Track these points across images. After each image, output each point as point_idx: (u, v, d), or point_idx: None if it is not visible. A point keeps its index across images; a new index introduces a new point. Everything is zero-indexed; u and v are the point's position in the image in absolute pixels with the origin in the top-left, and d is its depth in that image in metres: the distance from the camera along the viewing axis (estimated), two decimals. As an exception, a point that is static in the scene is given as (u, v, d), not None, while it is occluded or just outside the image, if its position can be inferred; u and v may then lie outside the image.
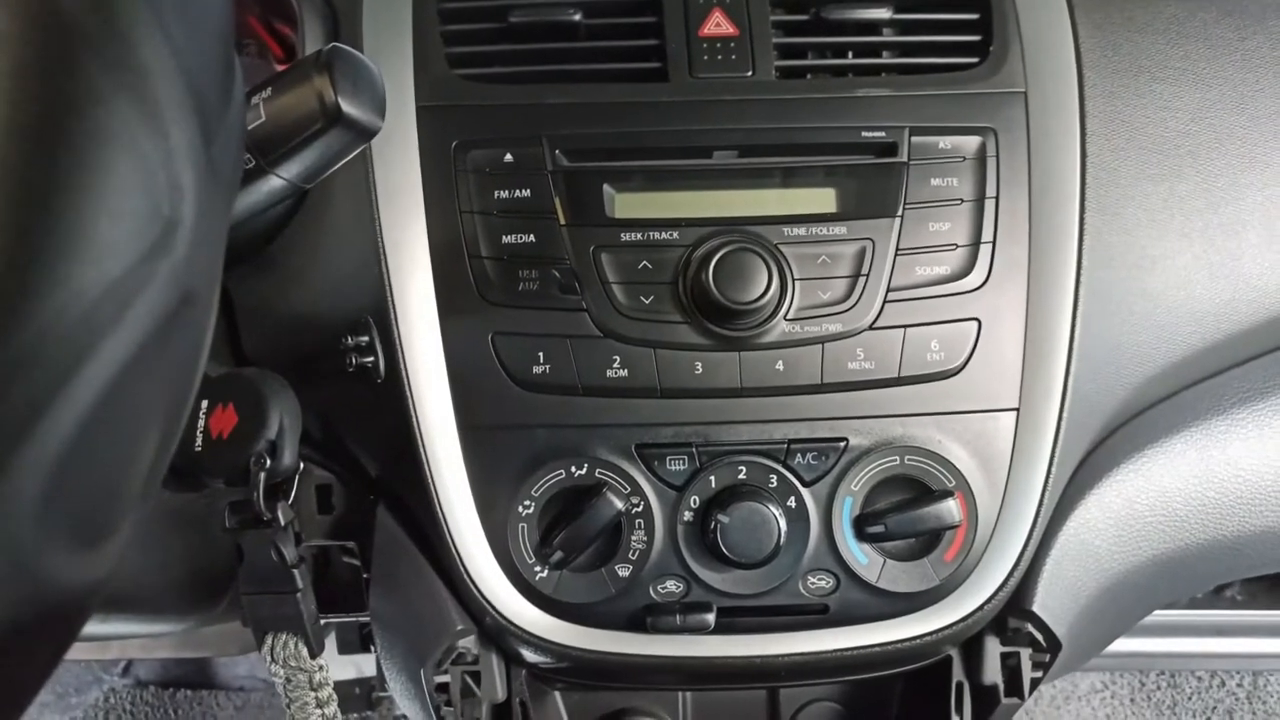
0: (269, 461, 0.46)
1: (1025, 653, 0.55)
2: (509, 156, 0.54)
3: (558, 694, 0.62)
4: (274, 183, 0.40)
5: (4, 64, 0.21)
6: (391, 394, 0.53)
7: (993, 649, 0.56)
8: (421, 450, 0.53)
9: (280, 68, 0.62)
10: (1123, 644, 1.15)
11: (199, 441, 0.47)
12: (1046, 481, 0.53)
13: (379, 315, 0.53)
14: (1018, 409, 0.53)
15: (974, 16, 0.58)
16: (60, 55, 0.22)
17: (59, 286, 0.21)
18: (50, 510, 0.23)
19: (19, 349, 0.21)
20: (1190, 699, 1.31)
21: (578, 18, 0.56)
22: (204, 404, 0.48)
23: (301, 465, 0.49)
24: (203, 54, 0.24)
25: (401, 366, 0.53)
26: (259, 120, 0.39)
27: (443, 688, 0.54)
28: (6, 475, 0.21)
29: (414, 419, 0.53)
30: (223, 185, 0.25)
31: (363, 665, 1.21)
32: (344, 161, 0.42)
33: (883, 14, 0.57)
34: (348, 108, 0.39)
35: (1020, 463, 0.53)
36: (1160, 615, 1.19)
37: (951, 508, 0.51)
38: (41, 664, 0.26)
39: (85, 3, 0.22)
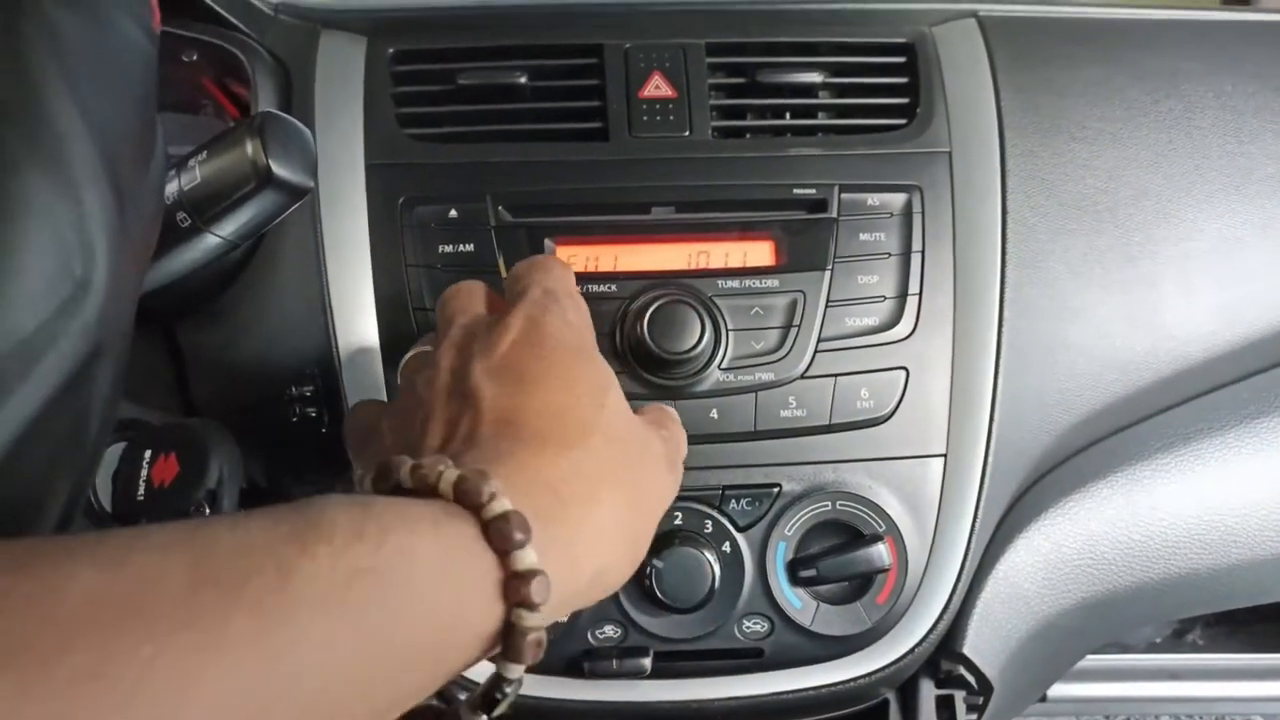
0: (208, 511, 0.47)
1: (959, 695, 0.56)
2: (454, 212, 0.55)
3: (503, 742, 0.62)
4: (210, 241, 0.42)
5: None
6: (335, 443, 0.54)
7: (927, 692, 0.57)
8: (364, 498, 0.53)
9: (236, 127, 0.64)
10: (1087, 689, 1.15)
11: (141, 490, 0.48)
12: (974, 525, 0.55)
13: (324, 366, 0.54)
14: (945, 455, 0.55)
15: (902, 80, 0.61)
16: None
17: None
18: None
19: None
20: (1155, 745, 1.31)
21: (523, 80, 0.59)
22: (147, 453, 0.49)
23: (242, 513, 0.50)
24: (119, 122, 0.26)
25: (346, 415, 0.54)
26: (195, 181, 0.40)
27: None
28: None
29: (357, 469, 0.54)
30: (136, 246, 0.27)
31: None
32: (279, 219, 0.44)
33: (815, 78, 0.60)
34: (278, 170, 0.41)
35: (948, 507, 0.55)
36: (1123, 660, 1.20)
37: (881, 551, 0.52)
38: None
39: (2, 76, 0.23)
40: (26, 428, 0.24)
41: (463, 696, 0.34)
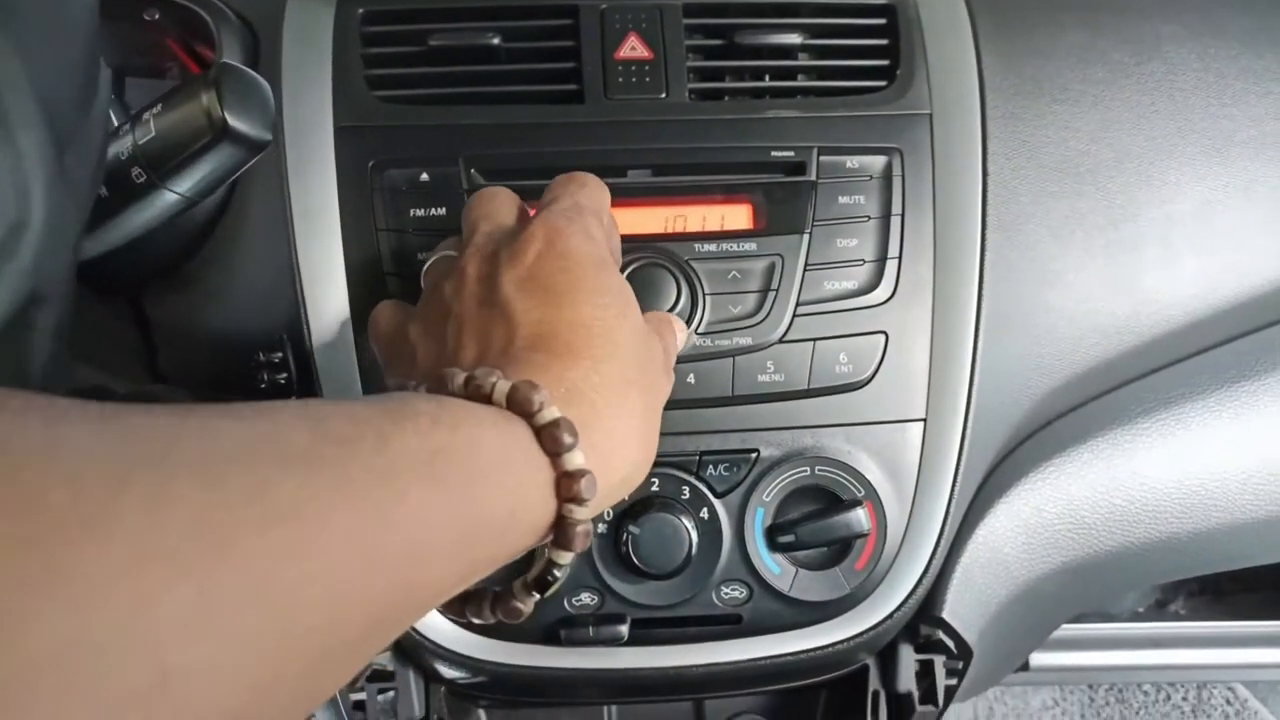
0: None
1: (939, 660, 0.56)
2: (425, 176, 0.54)
3: (482, 712, 0.61)
4: (167, 197, 0.40)
5: None
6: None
7: (906, 657, 0.56)
8: (336, 467, 0.53)
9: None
10: (1070, 658, 1.16)
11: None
12: (953, 490, 0.54)
13: (294, 333, 0.53)
14: (925, 419, 0.54)
15: (883, 42, 0.60)
16: None
17: None
18: None
19: None
20: (1138, 713, 1.33)
21: (496, 41, 0.58)
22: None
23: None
24: (58, 64, 0.25)
25: (316, 384, 0.53)
26: (149, 135, 0.39)
27: (359, 705, 0.54)
28: None
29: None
30: (77, 192, 0.26)
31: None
32: (238, 174, 0.43)
33: (794, 39, 0.59)
34: (234, 122, 0.39)
35: (928, 472, 0.54)
36: (1106, 629, 1.21)
37: (860, 516, 0.52)
38: None
39: None
40: (-40, 376, 0.23)
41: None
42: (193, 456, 0.22)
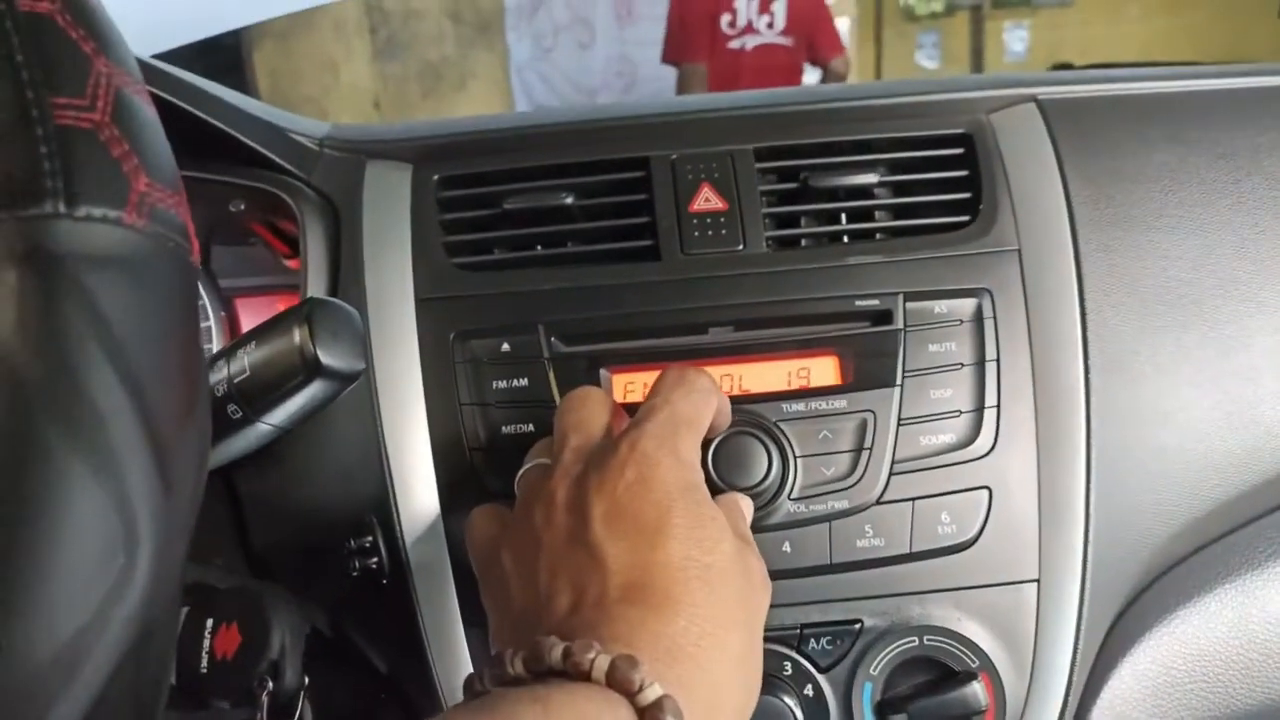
0: (271, 684, 0.45)
1: (1069, 841, 0.52)
2: (506, 346, 0.54)
3: None
4: (261, 429, 0.41)
5: None
6: (397, 592, 0.52)
7: (1034, 838, 0.52)
8: (427, 648, 0.52)
9: (288, 263, 0.64)
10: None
11: (204, 663, 0.47)
12: (1075, 654, 0.51)
13: (382, 512, 0.53)
14: (1038, 580, 0.51)
15: (962, 174, 0.58)
16: (11, 414, 0.22)
17: (5, 659, 0.21)
18: None
19: None
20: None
21: (570, 200, 0.58)
22: (209, 622, 0.48)
23: (307, 680, 0.49)
24: (161, 376, 0.25)
25: (406, 564, 0.52)
26: (244, 374, 0.40)
27: None
28: None
29: (420, 617, 0.52)
30: (182, 502, 0.25)
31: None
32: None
33: (871, 179, 0.58)
34: (327, 359, 0.40)
35: (1045, 637, 0.51)
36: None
37: (976, 691, 0.49)
38: None
39: (40, 361, 0.22)
40: (77, 724, 0.23)
41: None
42: None
